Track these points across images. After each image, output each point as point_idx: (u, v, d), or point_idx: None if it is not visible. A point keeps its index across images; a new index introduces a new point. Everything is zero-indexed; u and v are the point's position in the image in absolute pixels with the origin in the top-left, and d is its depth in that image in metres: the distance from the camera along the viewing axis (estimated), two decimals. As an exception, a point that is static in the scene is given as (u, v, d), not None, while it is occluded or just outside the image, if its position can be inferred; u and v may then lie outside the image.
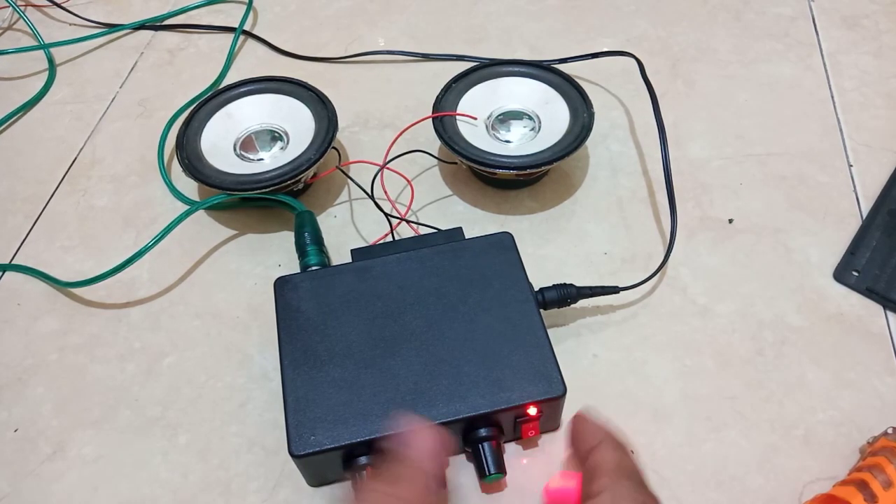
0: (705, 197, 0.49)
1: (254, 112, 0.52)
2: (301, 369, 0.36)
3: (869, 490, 0.32)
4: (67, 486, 0.39)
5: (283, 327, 0.38)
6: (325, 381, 0.35)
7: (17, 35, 0.70)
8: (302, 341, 0.37)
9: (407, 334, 0.37)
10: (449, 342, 0.37)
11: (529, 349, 0.36)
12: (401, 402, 0.35)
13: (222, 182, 0.47)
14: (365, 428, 0.34)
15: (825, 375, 0.40)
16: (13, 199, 0.54)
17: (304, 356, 0.37)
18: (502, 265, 0.40)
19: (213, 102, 0.52)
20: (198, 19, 0.68)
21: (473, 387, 0.35)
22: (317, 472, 0.36)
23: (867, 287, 0.43)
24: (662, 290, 0.44)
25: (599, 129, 0.54)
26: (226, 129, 0.52)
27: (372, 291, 0.39)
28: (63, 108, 0.61)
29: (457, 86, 0.51)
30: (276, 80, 0.53)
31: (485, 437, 0.34)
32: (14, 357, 0.45)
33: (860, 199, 0.48)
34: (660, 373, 0.41)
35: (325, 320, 0.38)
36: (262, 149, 0.51)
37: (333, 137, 0.48)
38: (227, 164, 0.49)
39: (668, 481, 0.36)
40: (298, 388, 0.35)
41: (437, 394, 0.35)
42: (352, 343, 0.37)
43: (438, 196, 0.51)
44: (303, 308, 0.38)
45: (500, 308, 0.38)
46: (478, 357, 0.36)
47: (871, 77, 0.55)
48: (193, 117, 0.51)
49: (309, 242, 0.44)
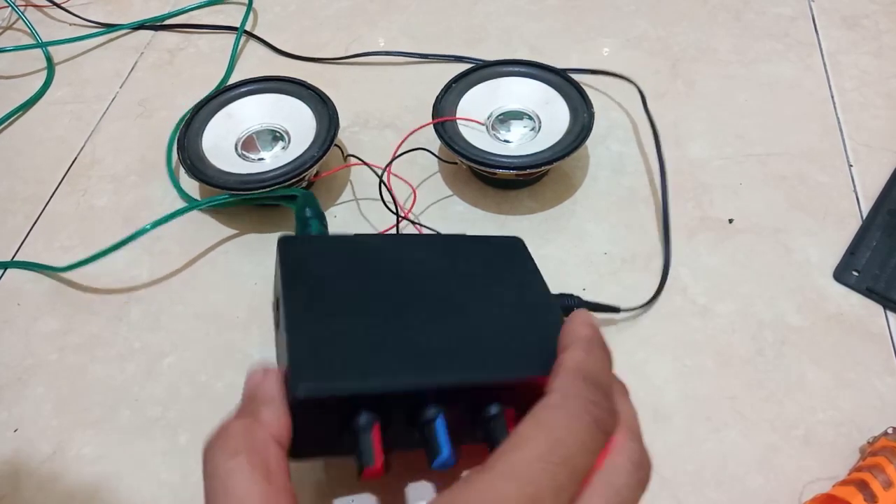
0: (705, 197, 0.49)
1: (254, 112, 0.52)
2: (307, 317, 0.32)
3: (869, 490, 0.32)
4: (67, 486, 0.39)
5: (286, 282, 0.34)
6: (332, 331, 0.32)
7: (16, 35, 0.70)
8: (307, 292, 0.33)
9: (418, 299, 0.34)
10: (465, 312, 0.33)
11: (548, 327, 0.33)
12: (415, 359, 0.31)
13: (225, 182, 0.47)
14: (375, 381, 0.29)
15: (825, 375, 0.40)
16: (13, 199, 0.54)
17: (310, 306, 0.33)
18: (517, 262, 0.38)
19: (214, 103, 0.52)
20: (198, 19, 0.68)
21: (491, 354, 0.31)
22: (308, 431, 0.30)
23: (867, 287, 0.43)
24: (663, 289, 0.44)
25: (599, 129, 0.54)
26: (227, 130, 0.52)
27: (382, 259, 0.36)
28: (63, 108, 0.61)
29: (457, 86, 0.51)
30: (276, 80, 0.53)
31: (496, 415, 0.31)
32: (14, 357, 0.45)
33: (860, 199, 0.48)
34: (660, 373, 0.41)
35: (333, 278, 0.34)
36: (264, 148, 0.51)
37: (335, 135, 0.48)
38: (229, 164, 0.49)
39: (668, 481, 0.36)
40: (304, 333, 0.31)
41: (454, 354, 0.31)
42: (361, 299, 0.33)
43: (439, 196, 0.51)
44: (309, 266, 0.35)
45: (517, 294, 0.35)
46: (497, 328, 0.33)
47: (871, 77, 0.55)
48: (194, 118, 0.51)
49: (311, 216, 0.42)
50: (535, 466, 0.21)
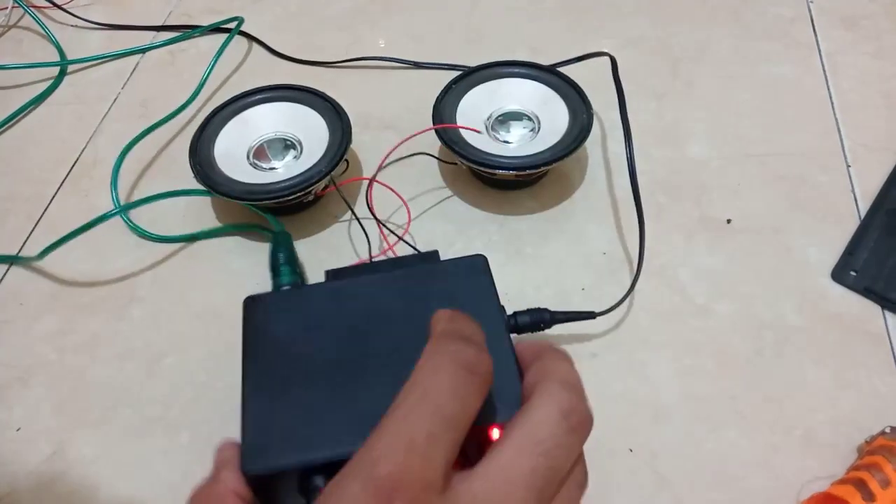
0: (704, 197, 0.49)
1: (269, 120, 0.52)
2: (262, 389, 0.35)
3: (867, 489, 0.32)
4: (67, 486, 0.39)
5: (248, 346, 0.37)
6: (286, 403, 0.35)
7: (20, 34, 0.70)
8: (266, 361, 0.37)
9: (373, 357, 0.36)
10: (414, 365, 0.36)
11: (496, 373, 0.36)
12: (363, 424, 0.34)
13: (230, 191, 0.46)
14: (323, 450, 0.33)
15: (824, 375, 0.40)
16: (15, 198, 0.54)
17: (266, 376, 0.36)
18: (474, 289, 0.39)
19: (229, 109, 0.52)
20: (198, 20, 0.68)
21: None
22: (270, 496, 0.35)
23: (865, 287, 0.43)
24: (662, 290, 0.44)
25: (598, 130, 0.54)
26: (240, 136, 0.51)
27: (340, 313, 0.38)
28: (65, 109, 0.61)
29: (457, 87, 0.51)
30: (291, 89, 0.53)
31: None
32: (14, 357, 0.45)
33: (858, 199, 0.48)
34: (660, 373, 0.41)
35: (291, 341, 0.37)
36: (275, 157, 0.50)
37: (346, 150, 0.48)
38: (239, 172, 0.48)
39: (668, 481, 0.36)
40: (258, 407, 0.35)
41: None
42: (316, 364, 0.36)
43: (439, 197, 0.51)
44: (269, 328, 0.38)
45: None
46: None
47: (870, 77, 0.55)
48: (208, 124, 0.51)
49: (283, 262, 0.44)
50: (410, 418, 0.23)
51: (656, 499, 0.36)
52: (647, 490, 0.36)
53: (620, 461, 0.37)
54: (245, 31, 0.66)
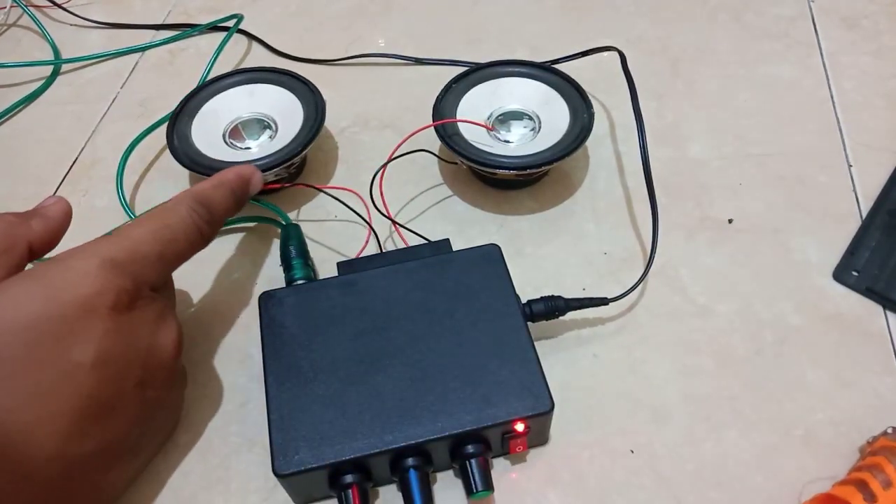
0: (705, 197, 0.49)
1: (242, 102, 0.53)
2: (285, 387, 0.36)
3: (868, 490, 0.32)
4: (68, 485, 0.39)
5: (267, 343, 0.38)
6: (310, 399, 0.35)
7: (19, 33, 0.70)
8: (286, 358, 0.37)
9: (392, 349, 0.36)
10: (435, 357, 0.36)
11: (516, 364, 0.35)
12: (386, 419, 0.34)
13: (208, 168, 0.47)
14: (350, 446, 0.33)
15: (825, 375, 0.40)
16: (14, 199, 0.54)
17: (288, 373, 0.36)
18: (489, 278, 0.39)
19: (203, 93, 0.53)
20: (198, 19, 0.68)
21: (460, 403, 0.34)
22: (302, 491, 0.35)
23: (867, 287, 0.43)
24: (662, 290, 0.44)
25: (599, 129, 0.54)
26: (215, 119, 0.52)
27: (357, 306, 0.38)
28: (64, 108, 0.61)
29: (457, 86, 0.51)
30: (264, 71, 0.54)
31: (472, 454, 0.34)
32: (14, 357, 0.45)
33: (860, 199, 0.48)
34: (660, 373, 0.41)
35: (310, 336, 0.37)
36: (250, 137, 0.51)
37: (322, 122, 0.49)
38: (217, 153, 0.49)
39: (668, 481, 0.36)
40: (283, 406, 0.35)
41: (423, 410, 0.34)
42: (336, 359, 0.36)
43: (439, 196, 0.51)
44: (287, 324, 0.38)
45: (487, 322, 0.37)
46: (464, 372, 0.35)
47: (871, 77, 0.55)
48: (182, 109, 0.52)
49: (294, 255, 0.44)
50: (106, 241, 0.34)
51: (656, 499, 0.36)
52: (648, 490, 0.36)
53: (621, 461, 0.37)
54: (244, 30, 0.66)
